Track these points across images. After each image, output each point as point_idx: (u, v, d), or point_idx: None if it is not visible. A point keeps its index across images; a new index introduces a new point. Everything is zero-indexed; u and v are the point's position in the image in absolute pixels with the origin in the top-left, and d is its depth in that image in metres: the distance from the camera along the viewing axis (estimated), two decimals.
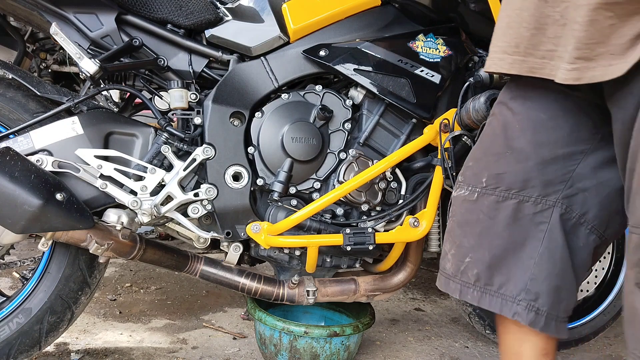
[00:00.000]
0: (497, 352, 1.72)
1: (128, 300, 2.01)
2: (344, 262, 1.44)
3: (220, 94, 1.29)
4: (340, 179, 1.35)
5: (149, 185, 1.24)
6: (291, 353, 1.43)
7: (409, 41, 1.37)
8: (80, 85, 2.88)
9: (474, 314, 1.71)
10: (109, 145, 1.26)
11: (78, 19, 1.25)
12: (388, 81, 1.34)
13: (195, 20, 1.33)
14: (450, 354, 1.69)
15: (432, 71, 1.36)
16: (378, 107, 1.40)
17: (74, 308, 1.35)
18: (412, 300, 2.21)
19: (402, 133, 1.43)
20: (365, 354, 1.65)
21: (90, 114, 1.27)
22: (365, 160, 1.37)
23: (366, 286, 1.45)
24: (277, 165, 1.33)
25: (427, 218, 1.34)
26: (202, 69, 1.35)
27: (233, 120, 1.30)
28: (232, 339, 1.70)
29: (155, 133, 1.29)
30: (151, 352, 1.57)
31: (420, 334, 1.84)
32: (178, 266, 1.35)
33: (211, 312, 1.94)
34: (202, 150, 1.26)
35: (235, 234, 1.31)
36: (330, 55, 1.33)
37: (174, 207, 1.25)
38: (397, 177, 1.42)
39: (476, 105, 1.23)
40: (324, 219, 1.37)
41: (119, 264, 2.43)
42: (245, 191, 1.30)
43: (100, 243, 1.21)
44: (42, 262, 1.31)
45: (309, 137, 1.33)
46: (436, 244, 1.49)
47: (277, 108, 1.34)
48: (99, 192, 1.23)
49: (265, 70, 1.33)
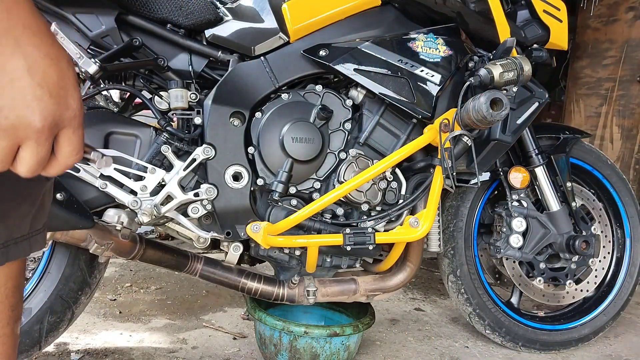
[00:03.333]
0: (497, 352, 1.73)
1: (128, 300, 2.01)
2: (344, 262, 1.44)
3: (220, 93, 1.29)
4: (341, 179, 1.35)
5: (149, 185, 1.24)
6: (291, 353, 1.43)
7: (409, 41, 1.37)
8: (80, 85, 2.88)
9: (474, 314, 1.71)
10: (109, 145, 1.26)
11: (78, 19, 1.25)
12: (388, 81, 1.34)
13: (195, 20, 1.33)
14: (450, 354, 1.69)
15: (432, 71, 1.36)
16: (378, 107, 1.40)
17: (74, 308, 1.35)
18: (412, 300, 2.21)
19: (402, 133, 1.43)
20: (365, 354, 1.65)
21: (90, 113, 1.27)
22: (365, 160, 1.37)
23: (366, 286, 1.45)
24: (277, 165, 1.33)
25: (427, 218, 1.34)
26: (202, 68, 1.35)
27: (233, 120, 1.30)
28: (232, 339, 1.70)
29: (155, 133, 1.29)
30: (151, 352, 1.57)
31: (420, 334, 1.84)
32: (178, 266, 1.35)
33: (211, 312, 1.94)
34: (202, 150, 1.26)
35: (235, 234, 1.31)
36: (330, 55, 1.33)
37: (174, 207, 1.25)
38: (397, 177, 1.42)
39: (476, 105, 1.23)
40: (324, 219, 1.37)
41: (119, 264, 2.43)
42: (245, 191, 1.30)
43: (100, 243, 1.21)
44: (42, 262, 1.31)
45: (309, 137, 1.33)
46: (436, 244, 1.49)
47: (277, 108, 1.34)
48: (98, 192, 1.23)
49: (265, 70, 1.33)
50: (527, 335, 1.72)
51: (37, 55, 0.37)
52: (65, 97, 0.40)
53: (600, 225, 1.83)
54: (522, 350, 1.74)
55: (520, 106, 1.46)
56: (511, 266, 1.70)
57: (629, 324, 2.05)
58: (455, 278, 1.70)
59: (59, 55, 0.40)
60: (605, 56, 3.18)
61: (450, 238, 1.71)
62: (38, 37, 0.38)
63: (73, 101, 0.41)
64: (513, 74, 1.27)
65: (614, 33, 3.13)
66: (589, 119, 3.28)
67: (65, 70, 0.41)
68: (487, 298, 1.71)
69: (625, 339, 1.91)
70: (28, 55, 0.37)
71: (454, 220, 1.71)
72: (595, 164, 1.83)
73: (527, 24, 1.54)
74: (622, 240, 1.87)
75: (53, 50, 0.40)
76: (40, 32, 0.39)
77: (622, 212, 1.86)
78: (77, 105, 0.41)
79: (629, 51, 3.06)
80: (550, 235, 1.67)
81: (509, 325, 1.71)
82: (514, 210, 1.63)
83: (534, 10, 1.54)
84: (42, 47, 0.38)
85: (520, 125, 1.45)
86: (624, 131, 3.11)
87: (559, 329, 1.77)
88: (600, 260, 1.83)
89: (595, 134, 3.21)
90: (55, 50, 0.40)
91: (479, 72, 1.30)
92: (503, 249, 1.63)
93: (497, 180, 1.72)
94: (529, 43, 1.52)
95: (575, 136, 1.76)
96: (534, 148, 1.65)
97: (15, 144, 0.38)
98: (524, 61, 1.28)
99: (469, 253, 1.70)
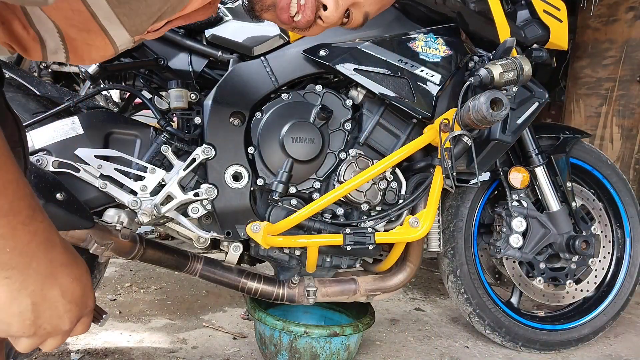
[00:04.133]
0: (497, 352, 1.73)
1: (128, 300, 2.01)
2: (344, 262, 1.44)
3: (220, 93, 1.29)
4: (341, 179, 1.35)
5: (148, 185, 1.24)
6: (291, 353, 1.43)
7: (409, 41, 1.37)
8: (80, 85, 2.88)
9: (474, 314, 1.71)
10: (109, 145, 1.26)
11: None
12: (388, 81, 1.34)
13: None
14: (450, 353, 1.69)
15: (432, 71, 1.36)
16: (378, 107, 1.40)
17: None
18: (412, 300, 2.21)
19: (402, 133, 1.42)
20: (365, 354, 1.65)
21: (90, 113, 1.27)
22: (365, 160, 1.37)
23: (366, 286, 1.45)
24: (277, 165, 1.33)
25: (427, 218, 1.34)
26: (202, 68, 1.35)
27: (233, 120, 1.30)
28: (232, 339, 1.70)
29: (155, 133, 1.29)
30: (151, 352, 1.57)
31: (420, 334, 1.84)
32: (178, 266, 1.35)
33: (211, 312, 1.94)
34: (202, 150, 1.26)
35: (235, 233, 1.31)
36: (330, 55, 1.33)
37: (174, 207, 1.25)
38: (397, 177, 1.42)
39: (476, 105, 1.23)
40: (324, 219, 1.36)
41: (119, 264, 2.43)
42: (245, 191, 1.30)
43: (100, 243, 1.21)
44: None
45: (309, 137, 1.33)
46: (436, 244, 1.49)
47: (277, 108, 1.34)
48: (99, 192, 1.23)
49: (265, 70, 1.33)
50: (527, 335, 1.72)
51: (69, 282, 0.49)
52: (85, 302, 0.52)
53: (600, 225, 1.83)
54: (522, 350, 1.74)
55: (520, 106, 1.46)
56: (511, 266, 1.70)
57: (629, 324, 2.05)
58: (455, 278, 1.70)
59: (82, 273, 0.51)
60: (605, 56, 3.18)
61: (450, 238, 1.71)
62: (69, 268, 0.49)
63: (90, 301, 0.53)
64: (513, 74, 1.27)
65: (614, 33, 3.13)
66: (589, 119, 3.28)
67: (86, 282, 0.52)
68: (487, 298, 1.71)
69: (625, 339, 1.91)
70: (62, 284, 0.49)
71: (454, 220, 1.71)
72: (595, 164, 1.83)
73: (527, 24, 1.54)
74: (622, 240, 1.87)
75: (78, 270, 0.51)
76: (71, 263, 0.50)
77: (622, 212, 1.86)
78: (93, 302, 0.54)
79: (629, 51, 3.06)
80: (550, 235, 1.67)
81: (509, 325, 1.71)
82: (514, 210, 1.63)
83: (534, 10, 1.54)
84: (72, 274, 0.50)
85: (520, 125, 1.45)
86: (624, 131, 3.11)
87: (559, 329, 1.77)
88: (600, 260, 1.83)
89: (595, 134, 3.21)
90: (79, 270, 0.51)
91: (479, 72, 1.30)
92: (503, 249, 1.63)
93: (497, 180, 1.72)
94: (529, 43, 1.52)
95: (575, 136, 1.76)
96: (534, 148, 1.65)
97: (44, 340, 0.50)
98: (524, 61, 1.28)
99: (469, 253, 1.70)
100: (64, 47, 0.62)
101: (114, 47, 0.63)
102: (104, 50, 0.63)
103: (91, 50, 0.63)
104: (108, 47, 0.62)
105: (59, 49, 0.62)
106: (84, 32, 0.59)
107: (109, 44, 0.62)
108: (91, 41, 0.61)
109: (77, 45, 0.62)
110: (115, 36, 0.61)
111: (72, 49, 0.62)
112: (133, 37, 0.62)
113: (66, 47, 0.62)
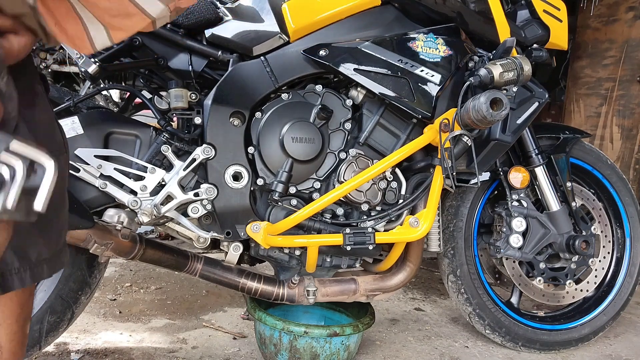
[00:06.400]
0: (497, 352, 1.73)
1: (128, 300, 2.01)
2: (344, 262, 1.44)
3: (220, 93, 1.29)
4: (341, 179, 1.35)
5: (148, 185, 1.24)
6: (291, 353, 1.43)
7: (409, 41, 1.37)
8: (80, 85, 2.88)
9: (474, 313, 1.71)
10: (108, 145, 1.26)
11: None
12: (388, 81, 1.34)
13: (195, 19, 1.33)
14: (450, 353, 1.69)
15: (432, 71, 1.36)
16: (378, 106, 1.40)
17: (74, 308, 1.35)
18: (412, 300, 2.21)
19: (402, 133, 1.42)
20: (365, 353, 1.65)
21: (90, 113, 1.27)
22: (365, 160, 1.37)
23: (366, 286, 1.45)
24: (277, 165, 1.33)
25: (427, 218, 1.34)
26: (202, 68, 1.35)
27: (233, 120, 1.30)
28: (232, 339, 1.70)
29: (155, 133, 1.29)
30: (151, 352, 1.57)
31: (420, 334, 1.84)
32: (178, 266, 1.35)
33: (211, 312, 1.94)
34: (202, 150, 1.26)
35: (235, 233, 1.31)
36: (330, 55, 1.33)
37: (173, 206, 1.25)
38: (397, 177, 1.42)
39: (476, 105, 1.23)
40: (324, 219, 1.37)
41: (119, 264, 2.43)
42: (245, 191, 1.30)
43: (100, 243, 1.21)
44: None
45: (309, 137, 1.33)
46: (436, 243, 1.49)
47: (277, 108, 1.34)
48: (98, 192, 1.23)
49: (265, 70, 1.33)
50: (527, 335, 1.72)
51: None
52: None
53: (600, 225, 1.83)
54: (522, 350, 1.74)
55: (520, 106, 1.46)
56: (511, 266, 1.70)
57: (629, 324, 2.05)
58: (455, 278, 1.70)
59: None
60: (605, 56, 3.18)
61: (450, 238, 1.71)
62: None
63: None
64: (513, 73, 1.27)
65: (614, 33, 3.13)
66: (589, 119, 3.28)
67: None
68: (487, 298, 1.71)
69: (625, 339, 1.91)
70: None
71: (454, 220, 1.71)
72: (595, 164, 1.83)
73: (527, 23, 1.54)
74: (622, 240, 1.86)
75: None
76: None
77: (622, 212, 1.85)
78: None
79: (629, 51, 3.06)
80: (550, 235, 1.67)
81: (509, 325, 1.71)
82: (514, 210, 1.63)
83: (534, 10, 1.54)
84: None
85: (520, 125, 1.45)
86: (624, 131, 3.11)
87: (559, 329, 1.76)
88: (600, 260, 1.83)
89: (595, 134, 3.21)
90: None
91: (479, 72, 1.30)
92: (503, 248, 1.63)
93: (497, 180, 1.72)
94: (529, 43, 1.52)
95: (575, 136, 1.76)
96: (534, 148, 1.65)
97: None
98: (524, 61, 1.28)
99: (469, 253, 1.70)
100: (106, 33, 0.68)
101: (151, 20, 0.70)
102: (141, 24, 0.69)
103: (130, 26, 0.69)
104: (145, 20, 0.69)
105: (103, 39, 0.69)
106: (124, 18, 0.66)
107: (146, 19, 0.68)
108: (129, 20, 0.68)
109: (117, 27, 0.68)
110: (150, 10, 0.67)
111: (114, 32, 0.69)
112: (168, 6, 0.68)
113: (109, 32, 0.68)
